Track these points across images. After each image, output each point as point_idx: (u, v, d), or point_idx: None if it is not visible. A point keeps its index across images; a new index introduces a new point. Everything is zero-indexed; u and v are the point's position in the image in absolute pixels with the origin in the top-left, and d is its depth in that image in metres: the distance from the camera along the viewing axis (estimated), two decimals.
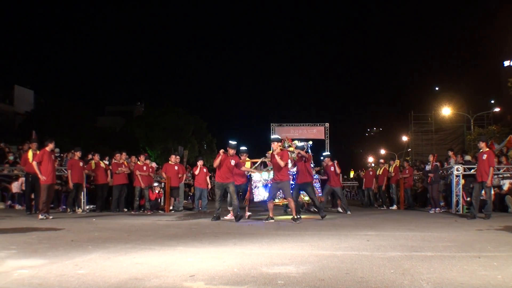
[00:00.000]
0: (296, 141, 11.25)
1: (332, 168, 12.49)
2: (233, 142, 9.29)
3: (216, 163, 9.15)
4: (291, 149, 11.09)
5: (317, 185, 11.76)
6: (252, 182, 10.83)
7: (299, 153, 9.63)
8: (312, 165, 11.48)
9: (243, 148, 10.72)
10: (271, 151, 9.45)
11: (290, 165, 10.03)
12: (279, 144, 9.19)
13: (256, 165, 11.58)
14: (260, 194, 10.87)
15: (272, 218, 9.01)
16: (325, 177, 12.71)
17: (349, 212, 12.02)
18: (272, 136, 9.55)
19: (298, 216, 9.07)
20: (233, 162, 9.17)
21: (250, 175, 10.61)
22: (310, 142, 12.35)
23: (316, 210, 10.44)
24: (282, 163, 8.74)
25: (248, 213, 10.28)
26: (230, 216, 9.72)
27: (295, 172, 10.08)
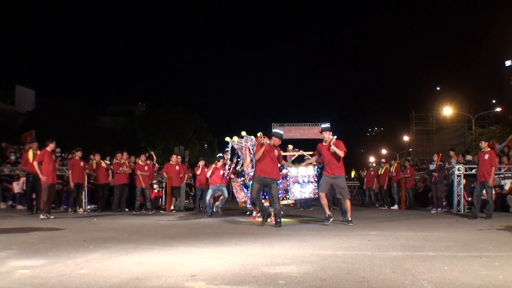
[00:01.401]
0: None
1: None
2: (279, 131, 8.33)
3: (259, 154, 7.78)
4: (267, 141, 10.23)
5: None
6: (288, 178, 9.94)
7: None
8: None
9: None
10: (322, 143, 8.19)
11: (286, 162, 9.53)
12: (331, 133, 8.05)
13: (293, 158, 10.62)
14: (295, 192, 9.95)
15: (330, 217, 7.96)
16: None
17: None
18: (323, 126, 8.64)
19: (348, 218, 7.87)
20: (276, 153, 7.98)
21: (285, 169, 9.82)
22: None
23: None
24: (341, 153, 7.76)
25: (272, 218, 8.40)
26: (271, 219, 8.14)
27: (319, 165, 9.29)
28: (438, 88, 54.70)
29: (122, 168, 12.37)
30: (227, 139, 9.99)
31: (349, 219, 7.77)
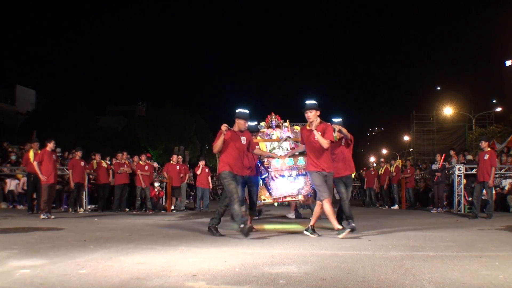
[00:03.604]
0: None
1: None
2: (244, 111, 6.21)
3: (218, 145, 6.00)
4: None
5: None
6: (270, 171, 7.92)
7: (339, 130, 6.62)
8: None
9: (252, 124, 7.86)
10: (305, 125, 6.37)
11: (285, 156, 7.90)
12: (318, 113, 5.98)
13: (276, 146, 8.45)
14: (279, 188, 7.94)
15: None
16: None
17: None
18: (307, 102, 6.00)
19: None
20: (244, 140, 6.13)
21: (264, 161, 7.85)
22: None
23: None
24: (325, 143, 5.79)
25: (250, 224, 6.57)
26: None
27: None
28: (438, 88, 54.74)
29: (123, 168, 12.38)
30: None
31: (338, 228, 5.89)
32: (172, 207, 12.88)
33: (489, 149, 9.90)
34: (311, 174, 6.06)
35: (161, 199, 13.91)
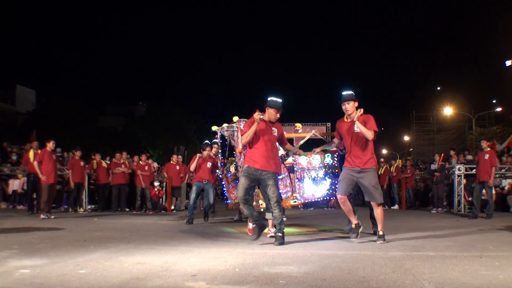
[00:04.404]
0: None
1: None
2: (277, 99, 5.47)
3: (248, 134, 5.26)
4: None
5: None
6: (295, 171, 7.17)
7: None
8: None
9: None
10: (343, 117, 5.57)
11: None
12: (356, 104, 5.43)
13: (301, 142, 7.72)
14: (306, 190, 7.04)
15: (359, 226, 5.66)
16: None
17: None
18: (344, 93, 5.46)
19: (379, 232, 5.40)
20: (276, 133, 5.45)
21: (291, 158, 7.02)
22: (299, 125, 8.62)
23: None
24: (370, 134, 5.22)
25: (271, 230, 5.85)
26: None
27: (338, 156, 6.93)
28: (438, 88, 54.60)
29: (119, 168, 12.44)
30: (214, 128, 8.15)
31: (380, 233, 5.28)
32: (172, 207, 12.89)
33: (489, 149, 9.92)
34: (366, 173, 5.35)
35: (161, 199, 13.92)
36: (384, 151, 52.26)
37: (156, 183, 13.71)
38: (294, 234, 6.36)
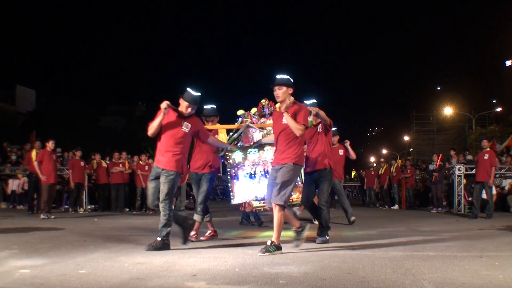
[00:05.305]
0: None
1: (341, 152, 8.60)
2: (193, 93, 4.95)
3: (153, 126, 4.85)
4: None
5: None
6: (228, 168, 6.15)
7: (316, 113, 5.32)
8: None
9: (209, 107, 6.23)
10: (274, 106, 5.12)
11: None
12: (290, 90, 4.67)
13: (234, 135, 6.50)
14: (241, 190, 6.02)
15: (301, 229, 4.81)
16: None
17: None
18: (278, 76, 4.71)
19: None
20: (188, 127, 4.91)
21: (225, 155, 6.02)
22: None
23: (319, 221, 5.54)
24: (299, 129, 4.49)
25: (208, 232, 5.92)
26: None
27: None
28: (438, 88, 54.63)
29: (116, 167, 12.46)
30: (240, 112, 6.83)
31: (268, 242, 4.44)
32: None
33: (488, 149, 9.92)
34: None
35: None
36: (384, 151, 52.28)
37: None
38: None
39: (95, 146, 22.87)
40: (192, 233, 5.47)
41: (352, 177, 33.76)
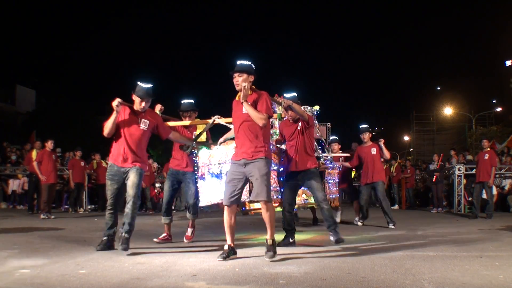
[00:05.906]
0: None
1: (374, 151, 8.36)
2: (144, 85, 4.75)
3: (108, 126, 4.73)
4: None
5: (331, 180, 7.43)
6: (196, 167, 5.53)
7: (289, 106, 4.88)
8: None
9: (186, 101, 5.86)
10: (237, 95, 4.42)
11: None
12: (251, 78, 4.31)
13: (201, 131, 5.57)
14: (206, 192, 5.29)
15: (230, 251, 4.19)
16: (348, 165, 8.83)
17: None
18: (238, 62, 4.36)
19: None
20: (146, 124, 4.75)
21: (194, 151, 5.42)
22: (317, 107, 6.81)
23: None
24: (261, 118, 4.11)
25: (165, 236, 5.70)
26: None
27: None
28: (438, 88, 54.62)
29: None
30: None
31: (269, 241, 4.19)
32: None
33: (489, 149, 9.92)
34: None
35: (161, 200, 13.91)
36: None
37: (157, 185, 13.70)
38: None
39: (95, 146, 22.89)
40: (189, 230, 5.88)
41: (352, 177, 33.74)
